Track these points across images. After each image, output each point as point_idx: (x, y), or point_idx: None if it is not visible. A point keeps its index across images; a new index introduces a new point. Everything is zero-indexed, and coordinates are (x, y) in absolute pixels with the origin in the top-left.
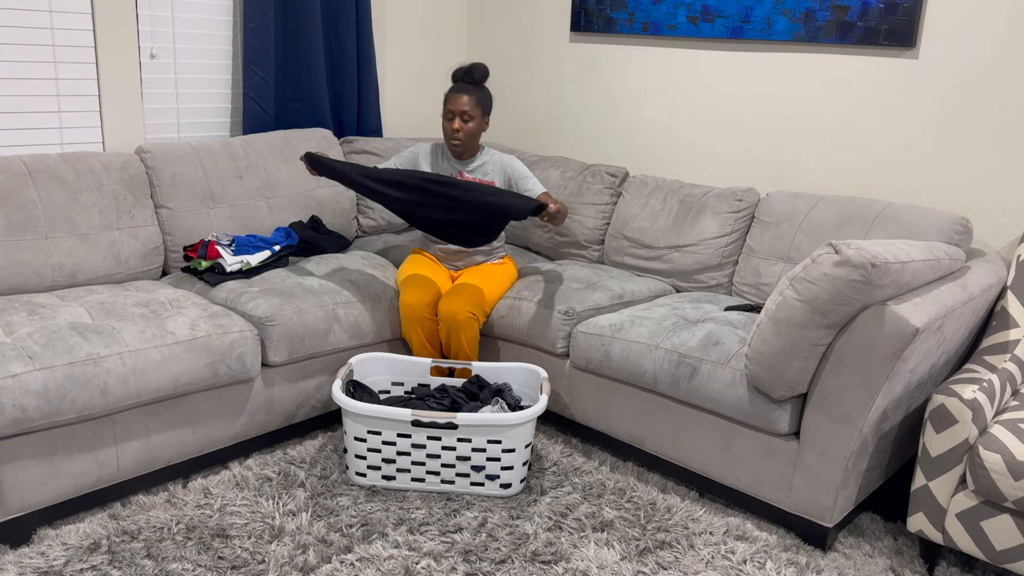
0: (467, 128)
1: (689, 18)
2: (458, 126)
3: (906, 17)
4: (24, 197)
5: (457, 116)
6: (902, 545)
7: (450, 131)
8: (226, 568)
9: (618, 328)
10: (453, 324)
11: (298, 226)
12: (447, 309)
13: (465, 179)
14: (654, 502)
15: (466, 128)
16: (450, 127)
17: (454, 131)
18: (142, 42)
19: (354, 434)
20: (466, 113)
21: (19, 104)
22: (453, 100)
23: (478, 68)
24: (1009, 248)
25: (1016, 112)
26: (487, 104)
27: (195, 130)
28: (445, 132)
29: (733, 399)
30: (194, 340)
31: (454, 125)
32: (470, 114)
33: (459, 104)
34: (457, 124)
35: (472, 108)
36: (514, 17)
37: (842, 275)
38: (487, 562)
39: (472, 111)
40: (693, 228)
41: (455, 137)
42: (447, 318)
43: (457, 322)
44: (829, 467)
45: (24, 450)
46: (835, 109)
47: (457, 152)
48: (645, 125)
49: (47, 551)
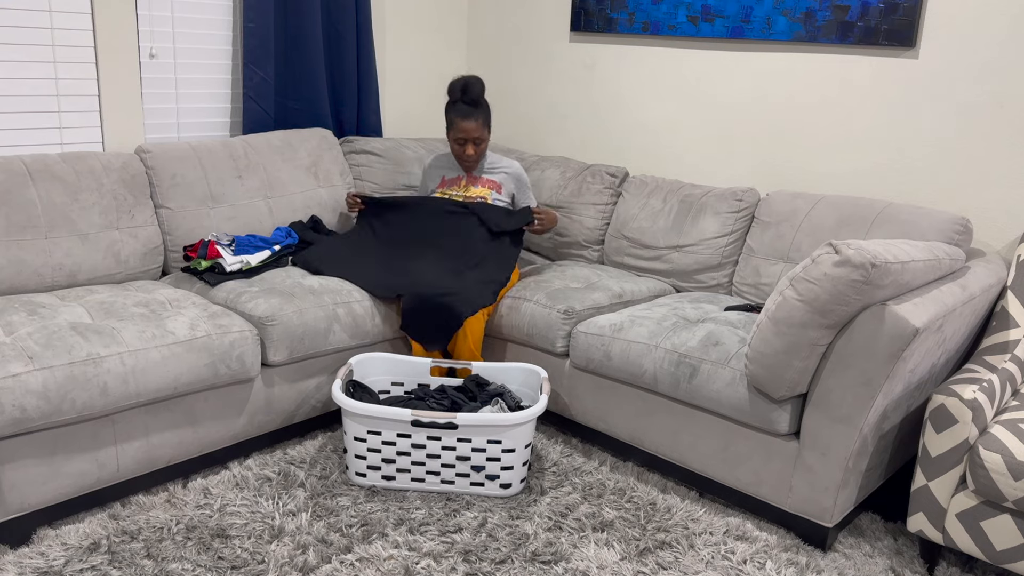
0: (479, 150)
1: (689, 18)
2: (471, 152)
3: (906, 17)
4: (24, 197)
5: (470, 142)
6: (902, 545)
7: (463, 156)
8: (226, 568)
9: (618, 328)
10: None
11: (298, 226)
12: None
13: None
14: (654, 502)
15: (478, 151)
16: (463, 152)
17: (468, 156)
18: (142, 42)
19: (354, 434)
20: (478, 138)
21: (19, 104)
22: (463, 128)
23: (475, 87)
24: (1009, 248)
25: (1016, 112)
26: (490, 120)
27: (195, 130)
28: (456, 155)
29: (733, 399)
30: (194, 340)
31: (467, 151)
32: (481, 137)
33: (470, 132)
34: (470, 150)
35: (481, 132)
36: (514, 17)
37: (842, 275)
38: (487, 562)
39: (482, 135)
40: (693, 228)
41: (468, 160)
42: None
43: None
44: (829, 467)
45: (24, 450)
46: (835, 109)
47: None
48: (645, 125)
49: (47, 551)
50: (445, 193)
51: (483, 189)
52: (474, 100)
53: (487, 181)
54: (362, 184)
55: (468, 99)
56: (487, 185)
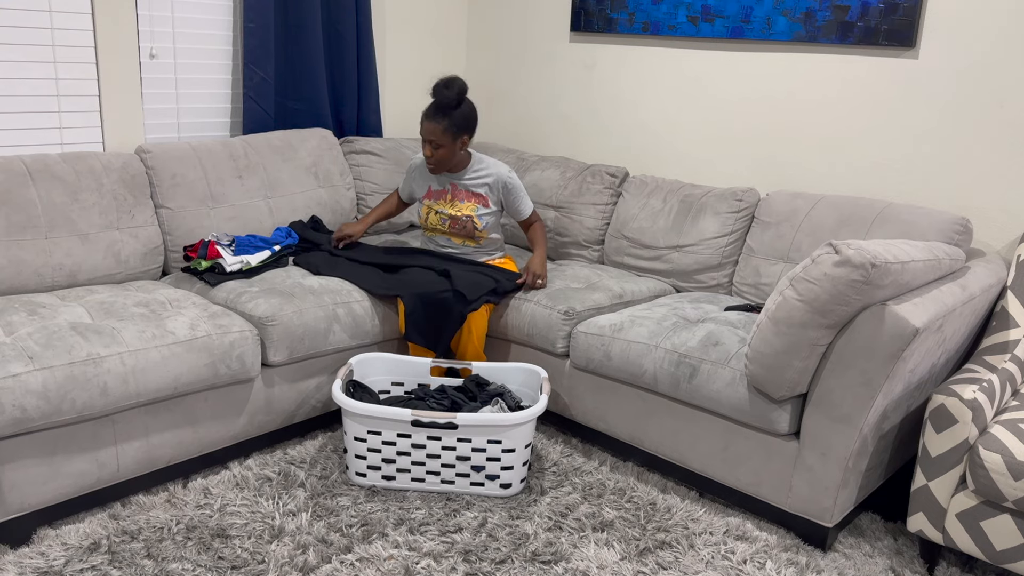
0: (438, 154)
1: (689, 18)
2: (429, 153)
3: (906, 17)
4: (24, 197)
5: (427, 143)
6: (902, 545)
7: (425, 155)
8: (226, 568)
9: (618, 328)
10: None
11: (298, 226)
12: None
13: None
14: (654, 502)
15: (437, 154)
16: (424, 152)
17: (427, 157)
18: (142, 42)
19: (354, 434)
20: (434, 142)
21: (19, 104)
22: (424, 127)
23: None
24: (1009, 248)
25: (1016, 112)
26: (462, 126)
27: (195, 130)
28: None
29: (733, 399)
30: (194, 340)
31: (426, 152)
32: (439, 142)
33: (427, 133)
34: (428, 151)
35: (440, 136)
36: (514, 17)
37: (842, 275)
38: (487, 562)
39: (440, 139)
40: (693, 228)
41: (429, 161)
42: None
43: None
44: (829, 467)
45: (24, 450)
46: (835, 109)
47: (434, 171)
48: (645, 125)
49: (47, 551)
50: (432, 208)
51: (470, 204)
52: (442, 104)
53: (472, 195)
54: (362, 184)
55: (438, 101)
56: (472, 199)
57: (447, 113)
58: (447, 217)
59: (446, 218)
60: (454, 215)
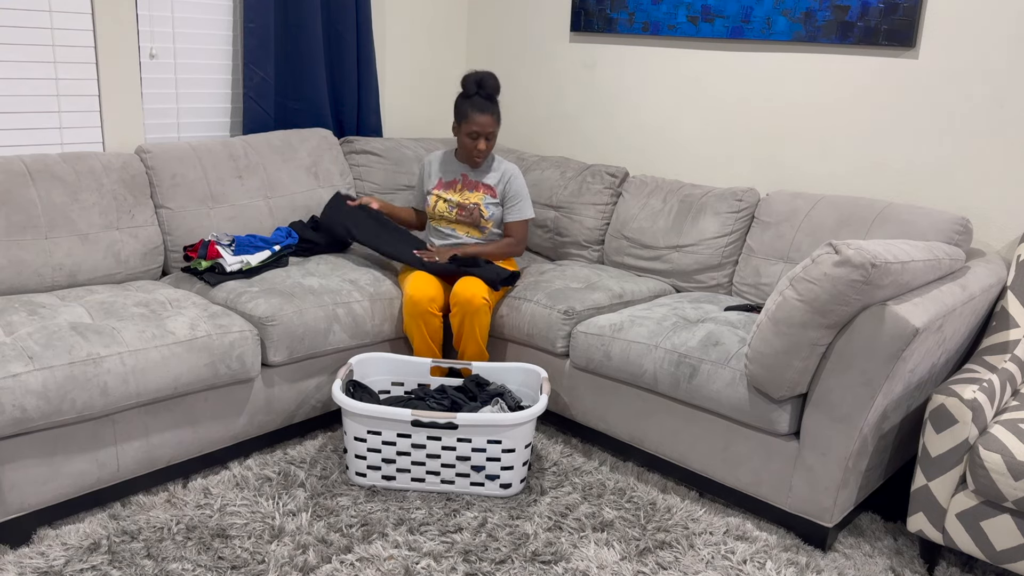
0: (490, 146)
1: (689, 18)
2: (483, 147)
3: (906, 17)
4: (24, 197)
5: (482, 137)
6: (902, 545)
7: (475, 150)
8: (226, 568)
9: (618, 328)
10: (469, 309)
11: (298, 226)
12: (463, 293)
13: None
14: (654, 502)
15: (489, 146)
16: (475, 146)
17: (479, 151)
18: (142, 42)
19: (354, 434)
20: (491, 133)
21: (19, 104)
22: (478, 121)
23: (490, 81)
24: (1009, 248)
25: (1016, 112)
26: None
27: (195, 130)
28: (467, 149)
29: (733, 399)
30: (194, 340)
31: (479, 146)
32: (494, 132)
33: (485, 126)
34: (482, 144)
35: (494, 127)
36: (514, 17)
37: (842, 275)
38: (487, 562)
39: (495, 130)
40: (693, 228)
41: (480, 155)
42: (463, 302)
43: (473, 307)
44: (829, 467)
45: (24, 450)
46: (835, 109)
47: (478, 165)
48: (645, 125)
49: (47, 551)
50: (441, 196)
51: (478, 194)
52: (490, 95)
53: (483, 185)
54: (362, 184)
55: (485, 93)
56: (482, 189)
57: (495, 103)
58: (455, 205)
59: (453, 205)
60: (462, 202)
